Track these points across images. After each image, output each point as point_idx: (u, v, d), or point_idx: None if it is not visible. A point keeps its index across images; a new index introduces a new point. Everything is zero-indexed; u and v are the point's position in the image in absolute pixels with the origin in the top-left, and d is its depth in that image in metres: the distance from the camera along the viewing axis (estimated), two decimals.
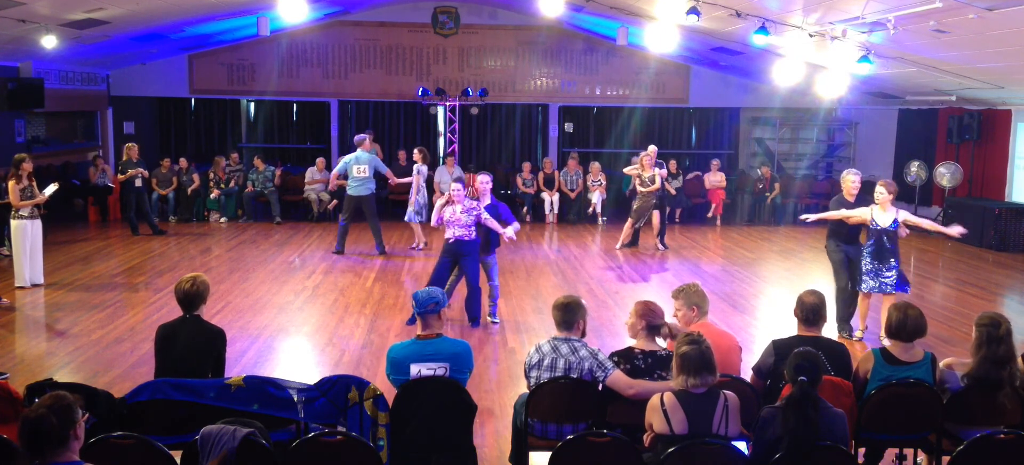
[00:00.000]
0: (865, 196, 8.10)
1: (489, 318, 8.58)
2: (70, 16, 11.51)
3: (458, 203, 8.22)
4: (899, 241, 7.73)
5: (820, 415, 3.71)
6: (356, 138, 12.64)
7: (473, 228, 8.23)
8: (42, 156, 15.12)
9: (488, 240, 8.49)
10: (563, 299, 4.66)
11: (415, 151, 12.70)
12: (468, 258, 8.25)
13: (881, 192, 7.66)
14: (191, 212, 15.51)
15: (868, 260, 7.74)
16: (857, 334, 8.06)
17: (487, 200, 8.46)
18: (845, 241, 8.13)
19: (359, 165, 12.12)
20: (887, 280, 7.67)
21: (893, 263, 7.67)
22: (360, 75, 17.83)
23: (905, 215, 7.77)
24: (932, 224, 8.06)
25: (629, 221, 12.94)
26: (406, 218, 12.66)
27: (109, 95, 17.41)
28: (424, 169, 12.51)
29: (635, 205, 12.85)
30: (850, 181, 8.05)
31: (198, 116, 18.34)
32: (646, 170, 12.56)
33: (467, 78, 17.76)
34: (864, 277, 7.77)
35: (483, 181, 8.58)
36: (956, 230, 7.72)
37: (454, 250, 8.26)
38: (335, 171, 12.78)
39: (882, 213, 7.67)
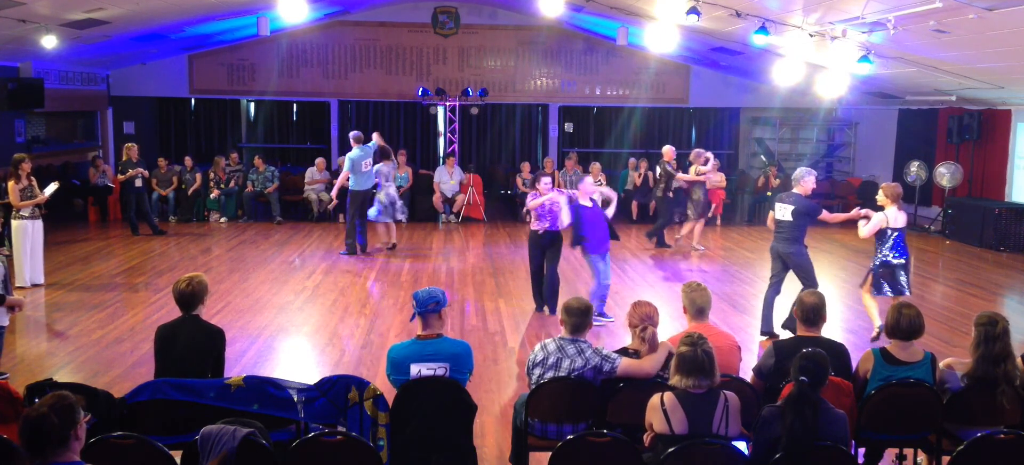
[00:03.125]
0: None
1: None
2: (70, 16, 11.51)
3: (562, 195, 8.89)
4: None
5: (819, 416, 3.71)
6: (353, 134, 12.33)
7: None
8: (42, 156, 15.12)
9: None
10: (575, 303, 4.65)
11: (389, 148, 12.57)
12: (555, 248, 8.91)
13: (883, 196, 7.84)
14: (191, 212, 15.51)
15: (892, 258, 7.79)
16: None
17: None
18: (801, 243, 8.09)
19: (366, 160, 12.11)
20: (903, 284, 7.76)
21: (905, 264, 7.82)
22: (360, 75, 17.83)
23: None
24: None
25: (700, 220, 12.96)
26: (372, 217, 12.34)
27: (109, 95, 17.40)
28: (385, 167, 12.32)
29: (691, 204, 12.91)
30: (808, 181, 8.25)
31: (198, 116, 18.34)
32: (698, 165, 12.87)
33: (467, 78, 17.76)
34: (883, 281, 7.85)
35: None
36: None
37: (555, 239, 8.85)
38: (345, 171, 12.06)
39: (897, 214, 7.82)
